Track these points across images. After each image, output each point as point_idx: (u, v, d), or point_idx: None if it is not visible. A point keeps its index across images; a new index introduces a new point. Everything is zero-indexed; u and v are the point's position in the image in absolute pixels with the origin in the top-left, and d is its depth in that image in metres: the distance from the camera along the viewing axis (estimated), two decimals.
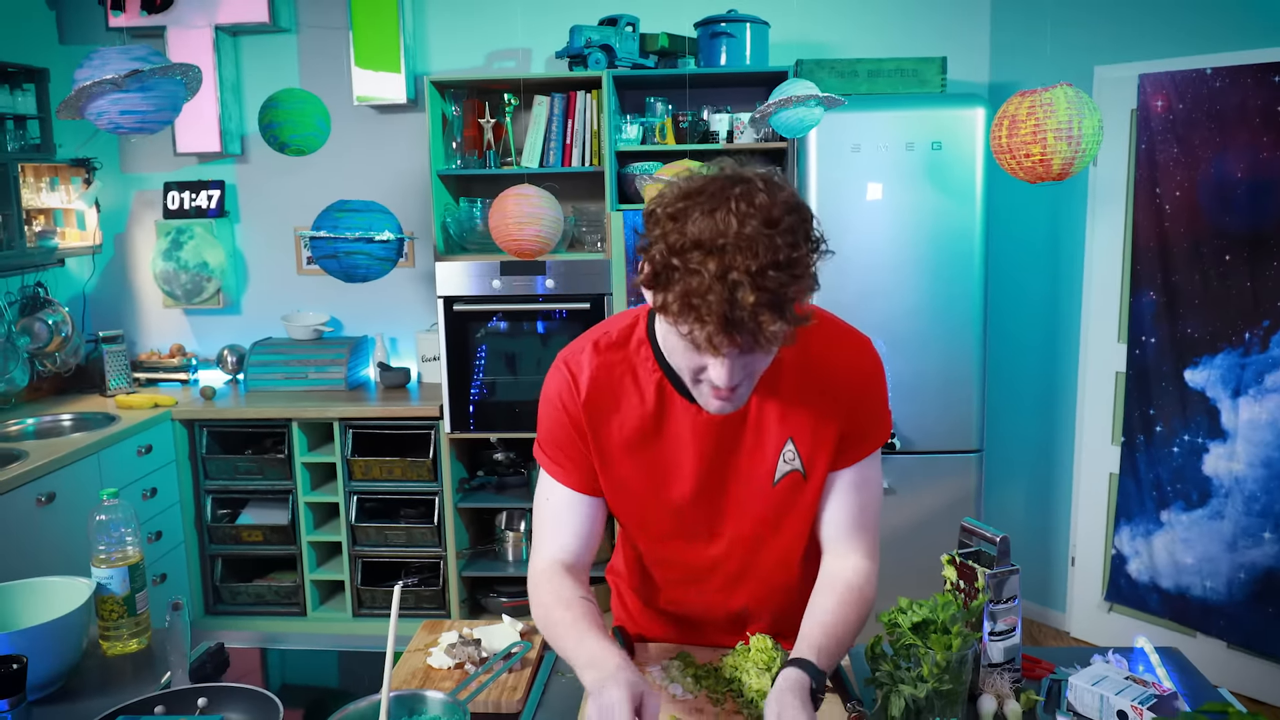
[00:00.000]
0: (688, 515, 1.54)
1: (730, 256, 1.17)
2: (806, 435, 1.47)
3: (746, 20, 3.82)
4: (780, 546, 1.57)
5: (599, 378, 1.49)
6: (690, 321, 1.20)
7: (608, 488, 1.54)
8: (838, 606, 1.46)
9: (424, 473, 4.05)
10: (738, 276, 1.16)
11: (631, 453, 1.50)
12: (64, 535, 3.34)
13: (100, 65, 2.49)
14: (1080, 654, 1.67)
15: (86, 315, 4.53)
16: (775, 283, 1.17)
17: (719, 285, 1.16)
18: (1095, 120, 2.70)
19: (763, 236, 1.18)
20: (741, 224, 1.18)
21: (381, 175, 4.40)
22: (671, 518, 1.55)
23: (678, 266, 1.19)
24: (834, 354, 1.48)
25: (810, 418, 1.47)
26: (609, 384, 1.49)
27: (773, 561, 1.59)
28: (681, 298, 1.19)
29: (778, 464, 1.48)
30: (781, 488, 1.50)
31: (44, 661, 1.63)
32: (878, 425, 1.54)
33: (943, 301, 3.66)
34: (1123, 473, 3.80)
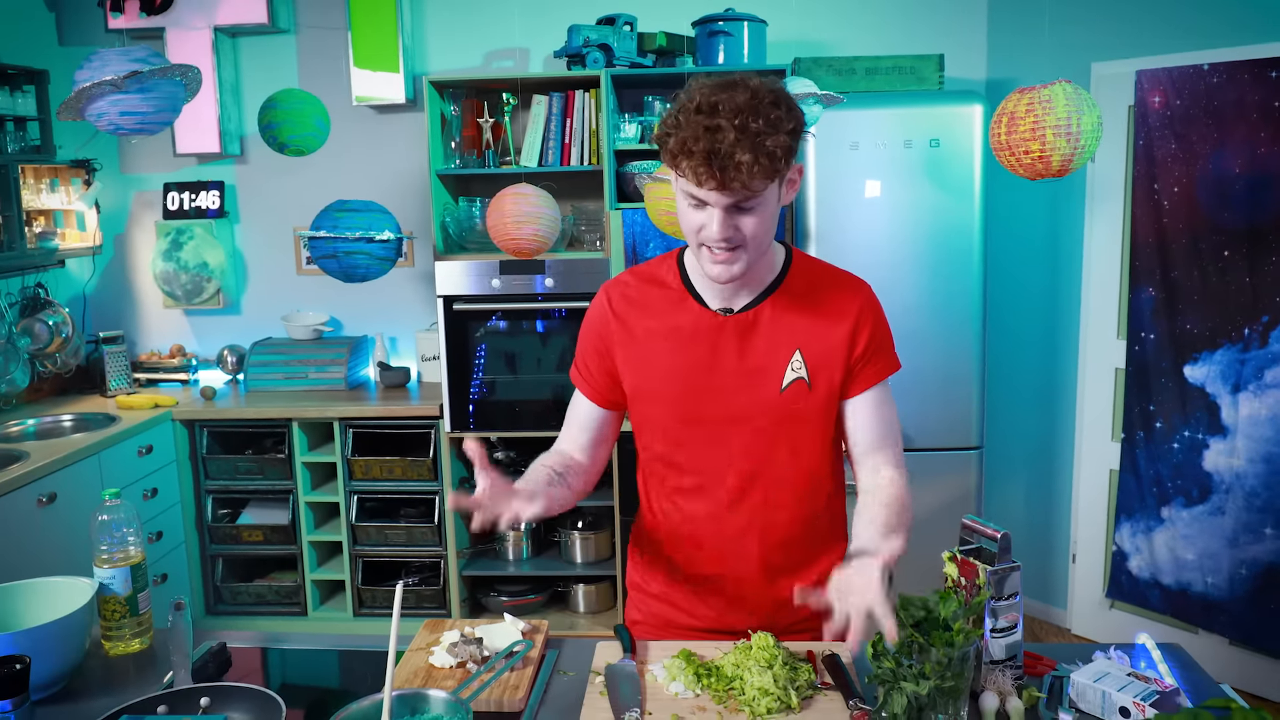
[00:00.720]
0: (705, 408, 1.69)
1: (720, 113, 1.47)
2: (813, 349, 1.67)
3: (744, 19, 3.82)
4: (785, 459, 1.71)
5: (631, 286, 1.77)
6: (683, 159, 1.49)
7: (635, 385, 1.74)
8: (883, 510, 1.62)
9: (424, 472, 4.05)
10: (722, 123, 1.46)
11: (658, 347, 1.71)
12: (65, 535, 3.35)
13: (100, 67, 2.49)
14: (1082, 650, 1.67)
15: (87, 316, 4.53)
16: (753, 130, 1.46)
17: (706, 132, 1.46)
18: (1094, 117, 2.70)
19: (749, 102, 1.48)
20: (732, 96, 1.48)
21: (380, 175, 4.40)
22: (690, 409, 1.70)
23: (680, 124, 1.49)
24: (837, 285, 1.72)
25: (817, 334, 1.67)
26: (640, 293, 1.75)
27: (779, 474, 1.71)
28: (679, 142, 1.49)
29: (785, 372, 1.67)
30: (788, 395, 1.67)
31: (47, 661, 1.63)
32: (884, 352, 1.72)
33: (942, 298, 3.66)
34: (1123, 469, 3.80)
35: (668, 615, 1.87)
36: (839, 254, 3.62)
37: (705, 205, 1.53)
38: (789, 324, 1.67)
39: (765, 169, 1.48)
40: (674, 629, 1.86)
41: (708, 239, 1.55)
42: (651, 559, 1.87)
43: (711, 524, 1.76)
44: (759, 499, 1.73)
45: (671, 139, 1.51)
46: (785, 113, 1.50)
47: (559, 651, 1.77)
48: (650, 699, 1.56)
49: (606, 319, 1.75)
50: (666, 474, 1.78)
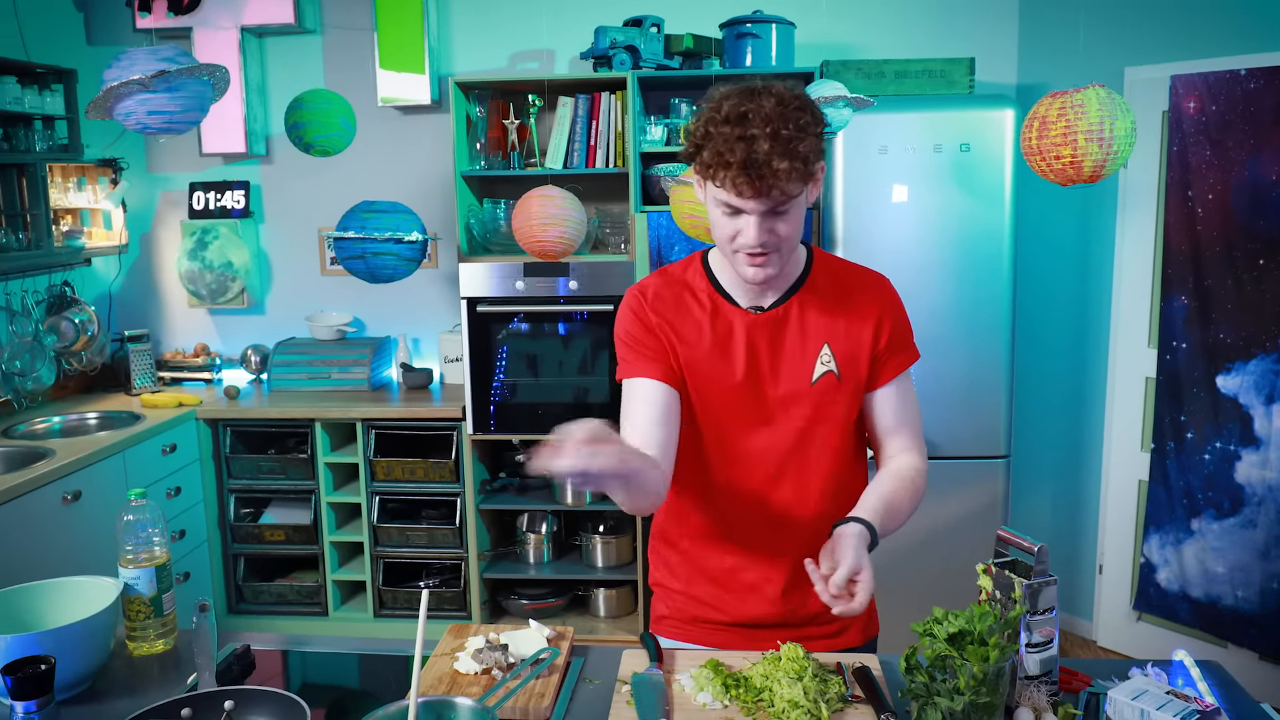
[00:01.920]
0: (741, 402, 1.73)
1: (750, 122, 1.50)
2: (840, 343, 1.73)
3: (772, 21, 3.79)
4: (814, 451, 1.75)
5: (661, 293, 1.78)
6: (720, 171, 1.52)
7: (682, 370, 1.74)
8: (893, 483, 1.71)
9: (446, 474, 4.04)
10: (755, 132, 1.49)
11: (696, 346, 1.73)
12: (90, 533, 3.35)
13: (128, 66, 2.49)
14: (1118, 666, 1.64)
15: (112, 314, 4.55)
16: (785, 138, 1.49)
17: (741, 142, 1.50)
18: (1128, 122, 2.66)
19: (777, 109, 1.51)
20: (760, 104, 1.52)
21: (405, 176, 4.40)
22: (729, 403, 1.74)
23: (712, 134, 1.53)
24: (859, 281, 1.79)
25: (843, 329, 1.73)
26: (670, 297, 1.77)
27: (808, 466, 1.75)
28: (714, 155, 1.53)
29: (815, 365, 1.72)
30: (819, 387, 1.72)
31: (72, 662, 1.63)
32: (905, 345, 1.79)
33: (970, 305, 3.62)
34: (1152, 480, 3.75)
35: (694, 610, 1.86)
36: (866, 258, 3.56)
37: (740, 213, 1.57)
38: (816, 319, 1.73)
39: (800, 173, 1.52)
40: (700, 624, 1.85)
41: (744, 245, 1.59)
42: (678, 555, 1.87)
43: (742, 517, 1.78)
44: (789, 491, 1.76)
45: (705, 151, 1.54)
46: (811, 116, 1.55)
47: (584, 659, 1.75)
48: (678, 709, 1.53)
49: (645, 313, 1.76)
50: (700, 469, 1.78)
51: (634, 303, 1.78)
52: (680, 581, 1.87)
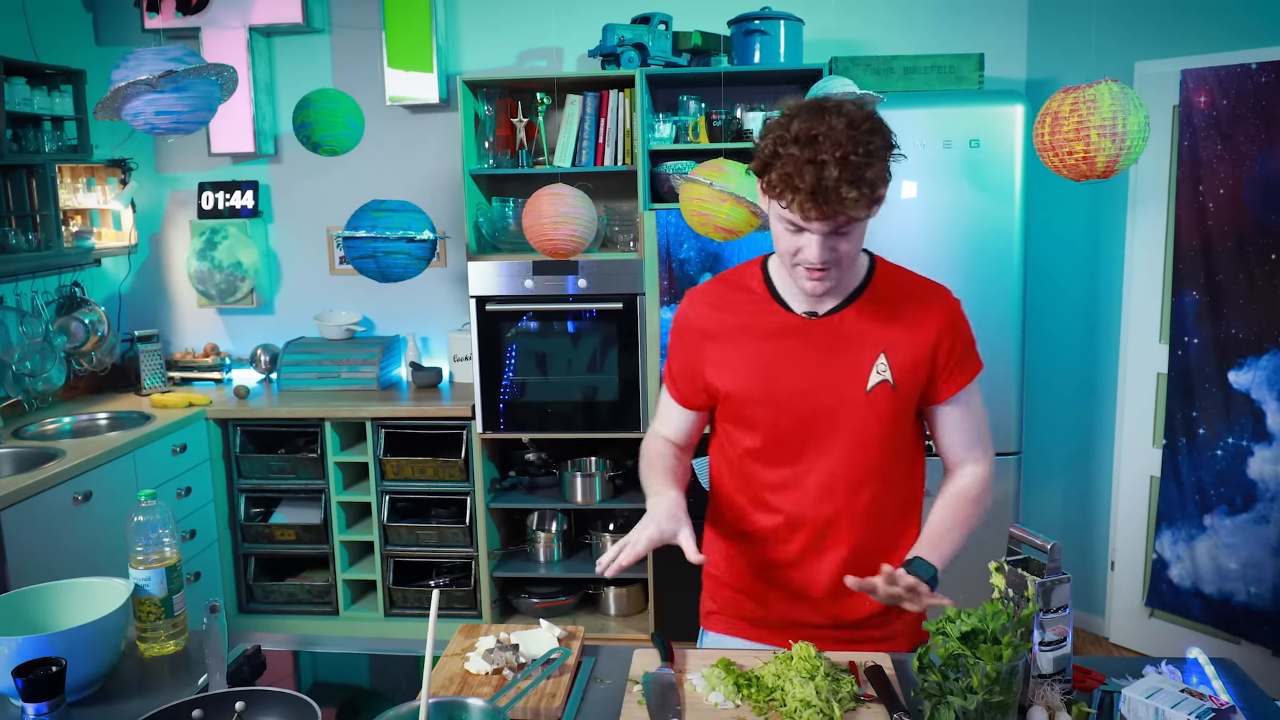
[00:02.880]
0: (791, 407, 1.73)
1: (821, 146, 1.49)
2: (898, 353, 1.70)
3: (780, 17, 3.78)
4: (869, 453, 1.74)
5: (714, 292, 1.82)
6: (788, 194, 1.53)
7: (726, 384, 1.78)
8: (945, 509, 1.76)
9: (456, 473, 4.04)
10: (825, 158, 1.49)
11: (744, 349, 1.76)
12: (100, 534, 3.36)
13: (136, 66, 2.49)
14: (1131, 664, 1.63)
15: (122, 315, 4.56)
16: (854, 164, 1.49)
17: (810, 166, 1.49)
18: (1141, 117, 2.64)
19: (847, 132, 1.50)
20: (831, 126, 1.50)
21: (414, 175, 4.40)
22: (778, 408, 1.74)
23: (781, 154, 1.53)
24: (921, 293, 1.77)
25: (902, 340, 1.71)
26: (723, 298, 1.80)
27: (861, 474, 1.74)
28: (783, 177, 1.53)
29: (870, 374, 1.70)
30: (874, 396, 1.70)
31: (82, 663, 1.63)
32: (968, 358, 1.78)
33: (980, 301, 3.60)
34: (1164, 476, 3.73)
35: (742, 607, 1.89)
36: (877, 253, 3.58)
37: (803, 231, 1.59)
38: (873, 328, 1.72)
39: (868, 198, 1.53)
40: (745, 623, 1.89)
41: (805, 262, 1.61)
42: (731, 551, 1.89)
43: (795, 520, 1.79)
44: (840, 497, 1.76)
45: (773, 172, 1.55)
46: (881, 140, 1.54)
47: (595, 659, 1.75)
48: (689, 709, 1.53)
49: (690, 326, 1.83)
50: (755, 469, 1.81)
51: (683, 317, 1.86)
52: (732, 577, 1.89)
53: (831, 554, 1.78)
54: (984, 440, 1.83)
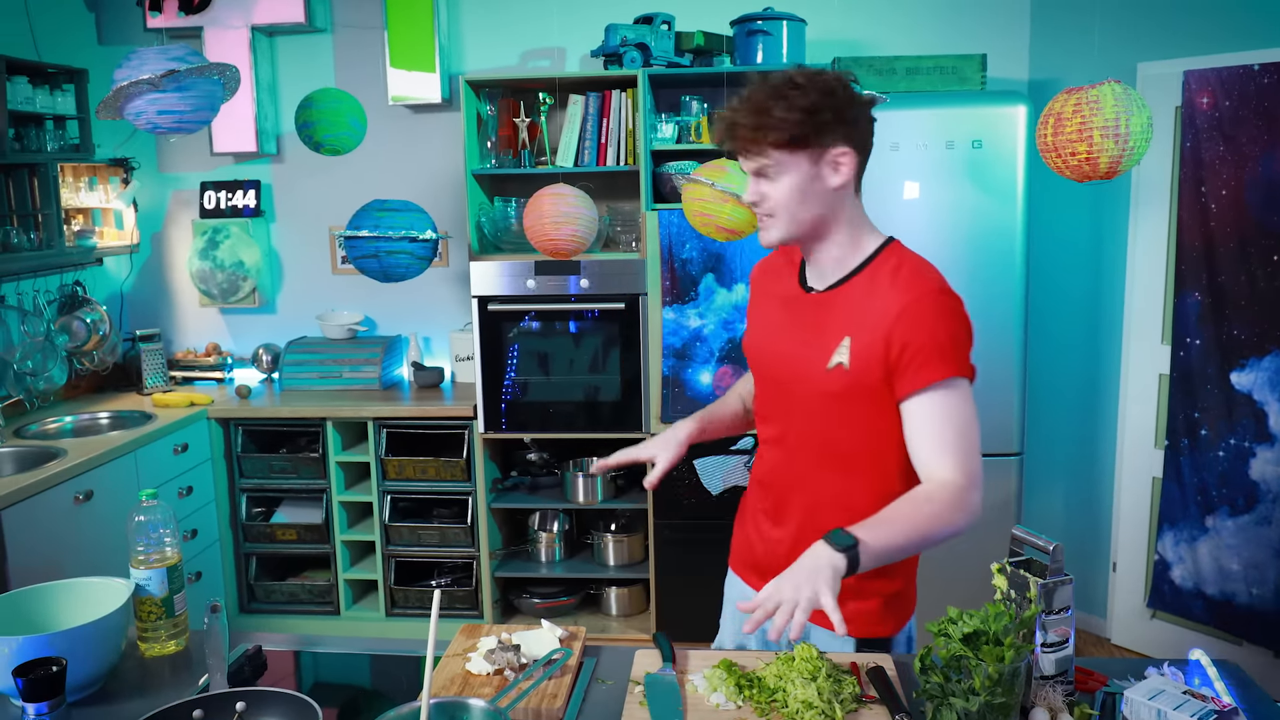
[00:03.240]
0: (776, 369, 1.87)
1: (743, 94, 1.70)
2: (860, 338, 1.72)
3: (783, 18, 3.78)
4: (826, 431, 1.79)
5: (773, 257, 1.99)
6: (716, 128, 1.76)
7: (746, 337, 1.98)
8: (895, 503, 1.64)
9: (457, 473, 4.04)
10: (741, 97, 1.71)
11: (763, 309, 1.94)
12: (101, 533, 3.36)
13: (138, 65, 2.49)
14: (1133, 666, 1.63)
15: (124, 314, 4.56)
16: (756, 102, 1.67)
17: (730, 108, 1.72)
18: (1144, 118, 2.64)
19: (770, 83, 1.69)
20: (766, 78, 1.71)
21: (416, 175, 4.40)
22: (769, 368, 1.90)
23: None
24: (896, 282, 1.73)
25: (866, 327, 1.72)
26: (774, 263, 1.98)
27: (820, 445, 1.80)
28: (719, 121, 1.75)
29: (833, 354, 1.74)
30: (831, 375, 1.75)
31: (83, 663, 1.63)
32: (933, 360, 1.67)
33: (982, 301, 3.59)
34: (1166, 477, 3.73)
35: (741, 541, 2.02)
36: None
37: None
38: (848, 312, 1.75)
39: (761, 136, 1.66)
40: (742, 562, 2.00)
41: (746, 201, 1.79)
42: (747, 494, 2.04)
43: (770, 475, 1.91)
44: (800, 465, 1.84)
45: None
46: (804, 91, 1.65)
47: (596, 659, 1.74)
48: (691, 710, 1.53)
49: (751, 280, 2.04)
50: (758, 414, 1.98)
51: (755, 267, 2.05)
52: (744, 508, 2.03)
53: (793, 508, 1.85)
54: (958, 452, 1.68)
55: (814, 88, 1.65)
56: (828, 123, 1.65)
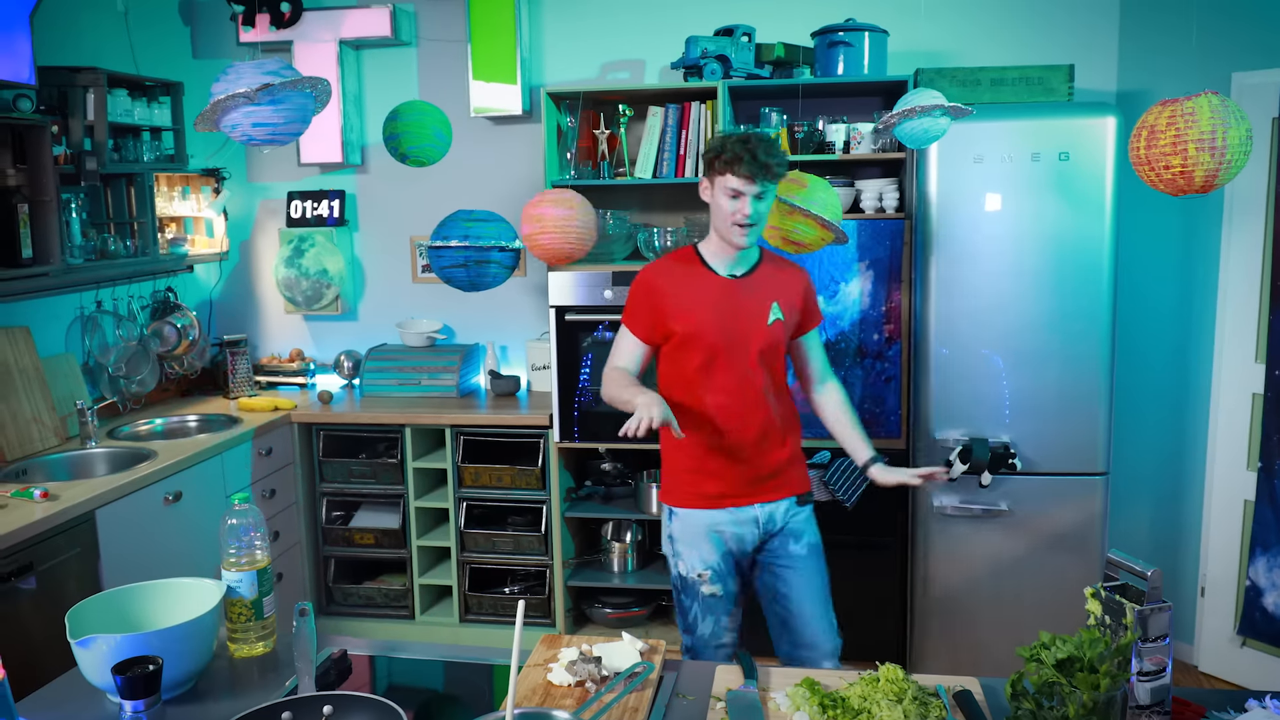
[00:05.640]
0: (720, 336, 2.59)
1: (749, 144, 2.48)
2: (783, 301, 2.66)
3: (865, 29, 3.75)
4: (769, 371, 2.66)
5: (666, 264, 2.70)
6: (736, 166, 2.46)
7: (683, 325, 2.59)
8: (848, 416, 2.82)
9: (532, 481, 4.07)
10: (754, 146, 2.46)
11: (693, 300, 2.61)
12: (189, 533, 3.45)
13: (235, 79, 2.55)
14: (1233, 697, 1.58)
15: (212, 319, 4.68)
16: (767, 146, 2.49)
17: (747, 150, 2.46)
18: (1242, 130, 2.56)
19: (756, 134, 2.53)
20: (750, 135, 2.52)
21: (497, 186, 4.44)
22: (720, 338, 2.59)
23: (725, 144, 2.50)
24: (790, 265, 2.79)
25: (784, 292, 2.68)
26: (672, 267, 2.68)
27: (766, 381, 2.64)
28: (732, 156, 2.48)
29: (769, 314, 2.62)
30: (773, 328, 2.63)
31: (176, 662, 1.67)
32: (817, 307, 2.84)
33: (1067, 316, 3.52)
34: (1259, 500, 3.61)
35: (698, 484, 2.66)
36: (957, 267, 3.53)
37: (740, 195, 2.49)
38: (768, 286, 2.65)
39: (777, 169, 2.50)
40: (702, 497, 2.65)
41: (740, 218, 2.50)
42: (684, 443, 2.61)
43: (728, 412, 2.61)
44: (754, 395, 2.62)
45: (725, 155, 2.48)
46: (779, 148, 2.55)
47: (677, 674, 1.74)
48: None
49: (652, 285, 2.66)
50: (699, 379, 2.61)
51: (644, 280, 2.67)
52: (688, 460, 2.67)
53: (752, 426, 2.62)
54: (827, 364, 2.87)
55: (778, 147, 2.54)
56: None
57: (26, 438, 3.52)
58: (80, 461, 3.56)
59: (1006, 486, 3.58)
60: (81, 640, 1.64)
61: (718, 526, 2.63)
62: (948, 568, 3.65)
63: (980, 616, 3.60)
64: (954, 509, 3.63)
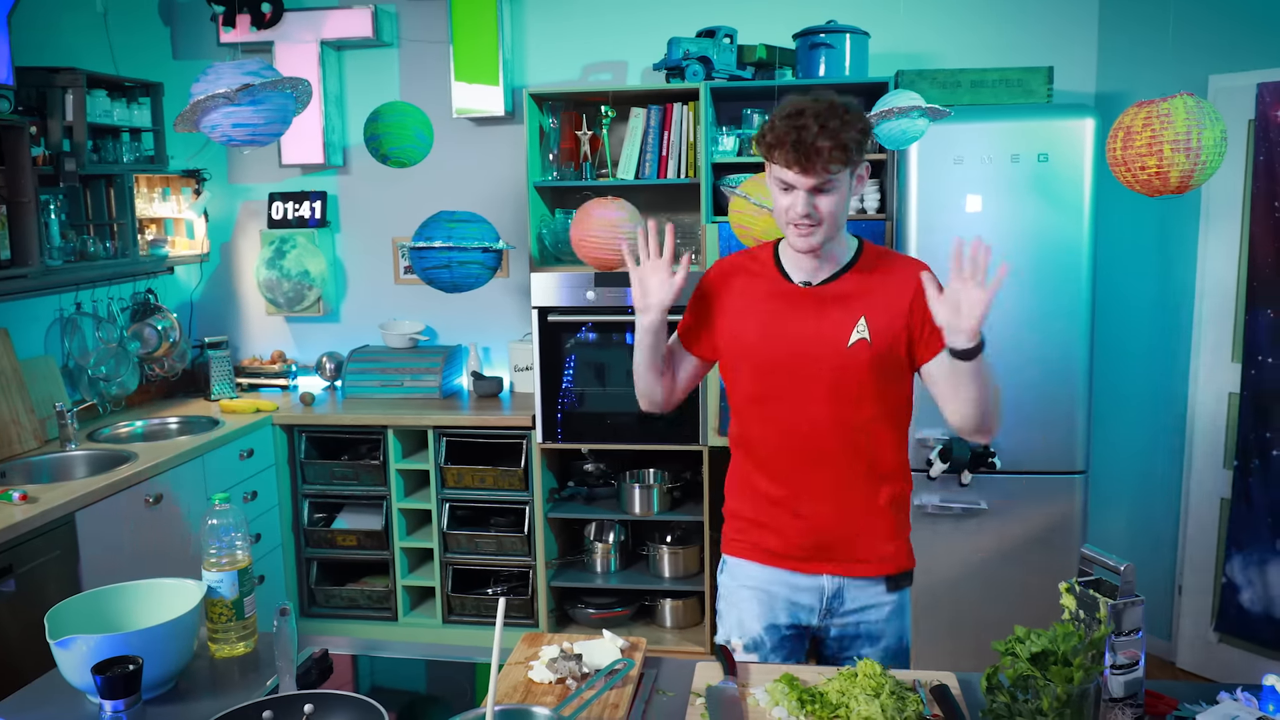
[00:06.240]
0: (785, 358, 2.02)
1: (804, 115, 1.85)
2: (876, 315, 2.00)
3: (846, 31, 3.77)
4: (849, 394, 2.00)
5: (734, 261, 2.17)
6: (776, 151, 1.86)
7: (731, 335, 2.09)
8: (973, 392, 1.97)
9: (515, 482, 4.07)
10: (806, 122, 1.83)
11: (749, 308, 2.07)
12: (170, 535, 3.43)
13: (214, 80, 2.54)
14: (1204, 690, 1.60)
15: (193, 321, 4.66)
16: (830, 127, 1.83)
17: (794, 129, 1.84)
18: (1217, 131, 2.59)
19: (826, 104, 1.86)
20: (815, 102, 1.87)
21: (479, 187, 4.45)
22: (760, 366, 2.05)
23: (775, 126, 1.87)
24: (899, 266, 2.06)
25: (880, 305, 2.00)
26: (740, 265, 2.14)
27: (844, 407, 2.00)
28: (774, 139, 1.87)
29: (852, 333, 1.99)
30: (854, 350, 1.98)
31: (157, 662, 1.67)
32: None
33: (1046, 316, 3.56)
34: (1235, 498, 3.64)
35: (756, 537, 2.11)
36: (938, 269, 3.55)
37: (793, 189, 1.90)
38: (856, 296, 2.01)
39: (839, 157, 1.84)
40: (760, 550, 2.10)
41: (793, 216, 1.91)
42: (745, 488, 2.15)
43: (787, 455, 2.05)
44: (824, 437, 2.02)
45: (767, 137, 1.89)
46: (856, 116, 1.87)
47: (657, 671, 1.75)
48: None
49: (707, 285, 2.15)
50: (752, 412, 2.10)
51: (705, 278, 2.17)
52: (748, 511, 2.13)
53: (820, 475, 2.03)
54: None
55: (856, 114, 1.87)
56: (864, 145, 1.91)
57: (5, 440, 3.50)
58: (60, 464, 3.54)
59: (986, 485, 3.60)
60: (61, 641, 1.63)
61: (769, 586, 2.07)
62: (927, 565, 3.67)
63: (959, 614, 3.62)
64: (934, 508, 3.65)
